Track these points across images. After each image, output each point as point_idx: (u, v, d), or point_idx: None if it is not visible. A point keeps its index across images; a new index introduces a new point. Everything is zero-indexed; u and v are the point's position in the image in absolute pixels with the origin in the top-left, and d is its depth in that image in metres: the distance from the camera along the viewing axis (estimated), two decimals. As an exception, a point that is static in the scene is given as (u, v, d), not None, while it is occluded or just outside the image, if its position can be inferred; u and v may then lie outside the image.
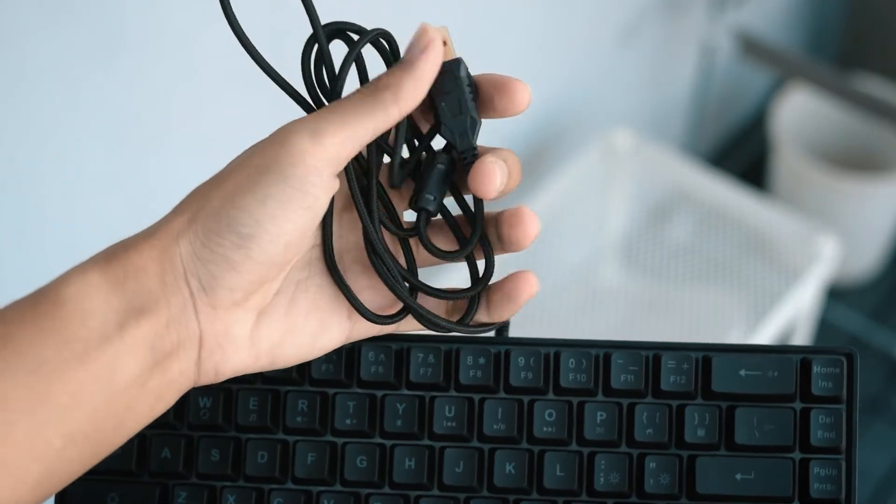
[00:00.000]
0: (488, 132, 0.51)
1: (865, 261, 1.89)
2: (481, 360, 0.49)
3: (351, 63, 0.46)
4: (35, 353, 0.40)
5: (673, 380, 0.49)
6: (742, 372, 0.49)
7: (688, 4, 1.70)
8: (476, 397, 0.49)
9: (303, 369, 0.49)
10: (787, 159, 1.80)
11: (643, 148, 1.50)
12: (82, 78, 0.91)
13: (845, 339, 1.84)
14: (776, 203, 1.66)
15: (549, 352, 0.49)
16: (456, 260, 0.47)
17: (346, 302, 0.46)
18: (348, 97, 0.44)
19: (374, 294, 0.47)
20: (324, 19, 0.49)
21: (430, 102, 0.46)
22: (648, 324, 1.45)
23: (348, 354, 0.49)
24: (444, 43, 0.45)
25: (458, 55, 0.46)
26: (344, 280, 0.45)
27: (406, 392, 0.49)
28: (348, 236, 0.47)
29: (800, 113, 1.84)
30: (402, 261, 0.47)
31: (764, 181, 1.98)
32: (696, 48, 1.79)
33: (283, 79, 0.49)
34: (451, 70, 0.45)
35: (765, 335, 1.36)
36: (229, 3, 0.48)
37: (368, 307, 0.46)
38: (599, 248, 1.55)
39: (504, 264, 0.47)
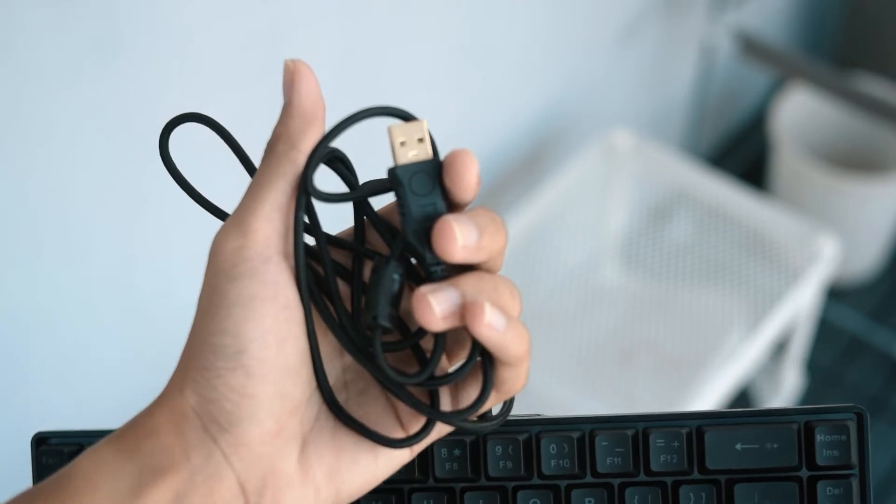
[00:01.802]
0: (487, 135, 0.50)
1: (865, 261, 1.89)
2: (456, 452, 0.46)
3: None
4: None
5: (664, 459, 0.45)
6: (738, 446, 0.45)
7: (688, 4, 1.70)
8: (457, 487, 0.46)
9: None
10: (787, 159, 1.80)
11: (643, 148, 1.50)
12: (81, 77, 0.91)
13: (845, 339, 1.84)
14: (776, 203, 1.66)
15: (530, 435, 0.46)
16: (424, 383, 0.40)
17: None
18: (254, 176, 0.40)
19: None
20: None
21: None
22: (648, 324, 1.45)
23: None
24: (421, 139, 0.40)
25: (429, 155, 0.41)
26: (351, 417, 0.41)
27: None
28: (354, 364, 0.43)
29: (800, 113, 1.84)
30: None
31: (764, 181, 1.98)
32: (696, 48, 1.79)
33: (205, 200, 0.45)
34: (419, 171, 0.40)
35: (765, 335, 1.36)
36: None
37: (405, 420, 0.41)
38: (599, 248, 1.55)
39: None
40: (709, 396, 1.29)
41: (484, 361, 0.41)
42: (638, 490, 0.46)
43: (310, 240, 0.41)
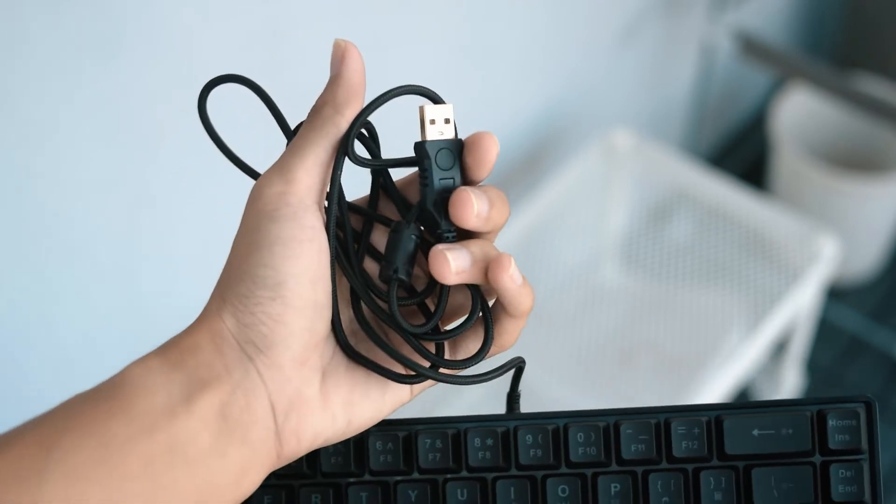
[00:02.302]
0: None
1: (865, 261, 1.89)
2: (489, 441, 0.49)
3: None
4: (102, 429, 0.40)
5: (685, 445, 0.48)
6: (755, 432, 0.48)
7: (688, 4, 1.70)
8: (489, 477, 0.49)
9: (313, 463, 0.49)
10: (787, 159, 1.80)
11: (643, 148, 1.50)
12: (81, 77, 0.91)
13: (845, 339, 1.84)
14: (776, 203, 1.67)
15: (558, 426, 0.49)
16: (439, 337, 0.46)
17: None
18: (298, 133, 0.46)
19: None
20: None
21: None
22: (648, 324, 1.45)
23: (356, 445, 0.49)
24: (447, 120, 0.46)
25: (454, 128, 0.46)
26: (364, 356, 0.46)
27: (417, 477, 0.49)
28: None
29: (800, 113, 1.84)
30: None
31: (764, 181, 1.98)
32: (696, 48, 1.79)
33: (239, 159, 0.50)
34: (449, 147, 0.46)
35: (765, 335, 1.36)
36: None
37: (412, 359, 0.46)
38: (599, 248, 1.55)
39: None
40: (709, 396, 1.29)
41: (485, 317, 0.46)
42: (661, 476, 0.48)
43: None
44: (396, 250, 0.45)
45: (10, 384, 1.01)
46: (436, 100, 0.47)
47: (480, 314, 0.47)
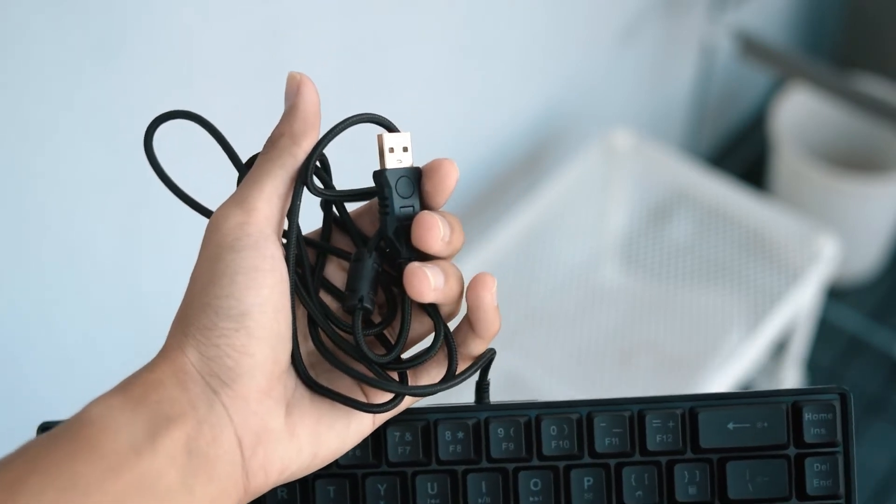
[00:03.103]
0: (487, 135, 0.51)
1: (865, 261, 1.89)
2: (460, 434, 0.48)
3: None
4: (67, 471, 0.39)
5: (659, 439, 0.48)
6: (730, 425, 0.48)
7: (688, 4, 1.70)
8: (459, 470, 0.48)
9: None
10: (787, 159, 1.80)
11: (643, 148, 1.50)
12: (81, 78, 0.91)
13: (845, 339, 1.84)
14: (776, 203, 1.66)
15: (529, 418, 0.48)
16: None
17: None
18: (255, 164, 0.46)
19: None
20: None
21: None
22: (648, 324, 1.45)
23: None
24: (405, 148, 0.46)
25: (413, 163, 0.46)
26: (327, 387, 0.45)
27: (386, 470, 0.48)
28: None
29: (800, 113, 1.84)
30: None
31: (764, 181, 1.98)
32: (696, 48, 1.79)
33: (186, 195, 0.49)
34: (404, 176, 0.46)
35: (765, 335, 1.36)
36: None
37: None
38: (599, 248, 1.55)
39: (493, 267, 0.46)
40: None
41: (448, 339, 0.46)
42: (634, 469, 0.48)
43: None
44: (360, 279, 0.45)
45: (10, 384, 1.01)
46: (391, 128, 0.46)
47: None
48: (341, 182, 0.47)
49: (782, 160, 1.82)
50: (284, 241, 0.45)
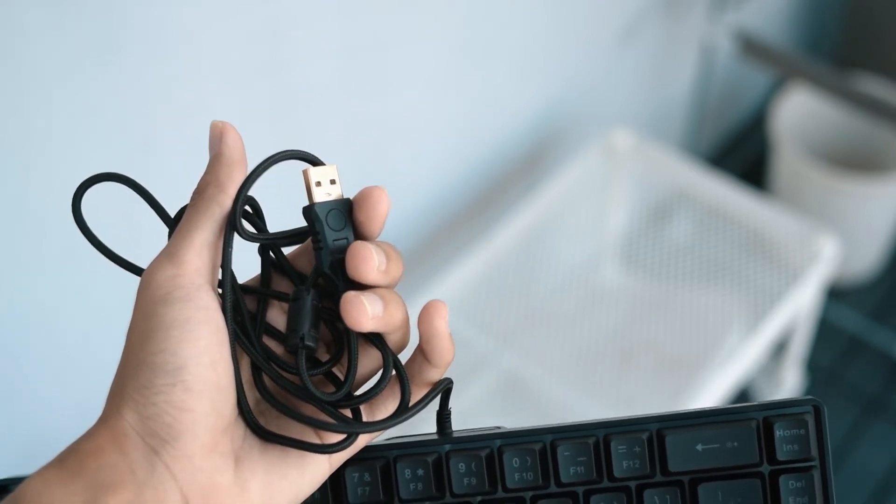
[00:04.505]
0: (487, 135, 0.51)
1: (865, 261, 1.89)
2: (420, 472, 0.46)
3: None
4: None
5: (626, 465, 0.46)
6: (699, 446, 0.46)
7: (688, 4, 1.70)
8: None
9: None
10: (787, 159, 1.80)
11: (643, 148, 1.50)
12: (82, 77, 0.91)
13: (845, 339, 1.84)
14: (776, 203, 1.66)
15: (492, 450, 0.46)
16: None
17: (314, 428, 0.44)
18: (183, 216, 0.45)
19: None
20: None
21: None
22: (648, 324, 1.45)
23: None
24: (333, 181, 0.45)
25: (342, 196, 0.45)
26: (275, 433, 0.44)
27: None
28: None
29: (800, 113, 1.84)
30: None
31: (764, 181, 1.98)
32: (696, 48, 1.79)
33: (119, 257, 0.50)
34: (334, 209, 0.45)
35: (765, 335, 1.36)
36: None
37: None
38: (599, 248, 1.55)
39: (491, 275, 0.45)
40: (709, 396, 1.29)
41: (399, 369, 0.45)
42: (603, 497, 0.46)
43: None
44: (299, 318, 0.43)
45: (10, 384, 1.01)
46: (315, 162, 0.45)
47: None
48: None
49: (782, 160, 1.82)
50: (220, 290, 0.44)
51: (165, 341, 0.41)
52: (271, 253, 0.46)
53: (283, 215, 0.52)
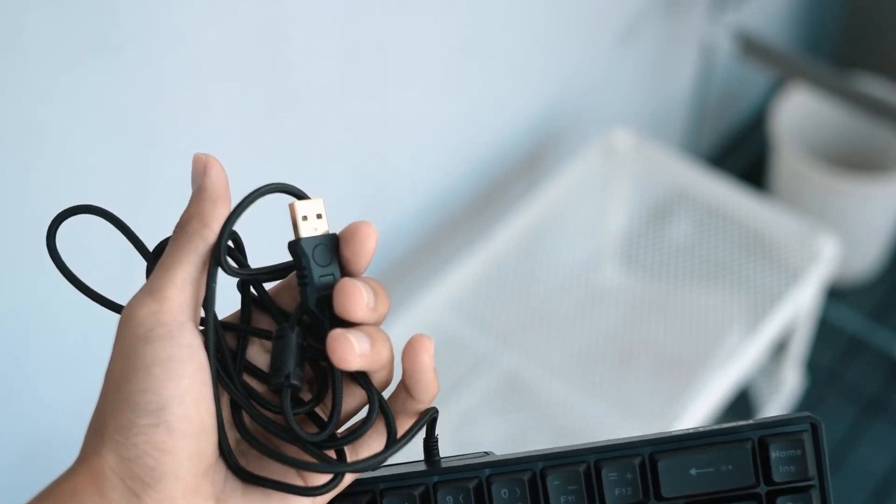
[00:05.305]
0: (487, 135, 0.51)
1: (865, 261, 1.89)
2: None
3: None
4: None
5: (618, 492, 0.45)
6: (693, 471, 0.45)
7: (688, 4, 1.70)
8: None
9: None
10: (787, 159, 1.80)
11: (643, 148, 1.50)
12: (82, 75, 0.91)
13: (845, 339, 1.84)
14: (776, 203, 1.67)
15: (480, 480, 0.45)
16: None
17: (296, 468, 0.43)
18: (165, 250, 0.44)
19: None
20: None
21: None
22: (648, 324, 1.45)
23: None
24: (319, 215, 0.44)
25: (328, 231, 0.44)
26: (258, 476, 0.42)
27: None
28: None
29: (800, 113, 1.84)
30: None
31: (764, 181, 1.98)
32: (696, 48, 1.79)
33: (94, 292, 0.49)
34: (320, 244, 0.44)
35: (765, 335, 1.36)
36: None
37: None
38: (599, 248, 1.55)
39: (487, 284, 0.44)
40: (709, 396, 1.29)
41: (383, 407, 0.43)
42: None
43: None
44: (284, 356, 0.42)
45: (10, 384, 1.01)
46: (301, 196, 0.44)
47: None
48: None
49: (782, 160, 1.82)
50: (202, 327, 0.43)
51: (147, 380, 0.40)
52: (252, 289, 0.45)
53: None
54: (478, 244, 1.41)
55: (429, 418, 0.45)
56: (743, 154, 2.09)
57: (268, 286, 0.45)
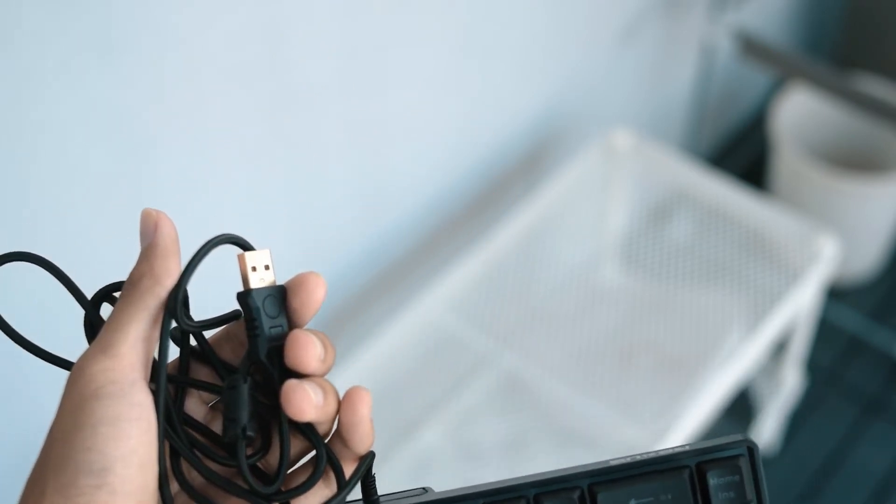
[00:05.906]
0: (487, 135, 0.51)
1: (865, 261, 1.89)
2: None
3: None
4: None
5: None
6: (632, 502, 0.45)
7: (688, 4, 1.70)
8: None
9: None
10: (787, 159, 1.80)
11: (643, 148, 1.50)
12: (80, 76, 0.91)
13: (845, 339, 1.84)
14: (776, 203, 1.67)
15: None
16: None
17: None
18: (115, 307, 0.44)
19: None
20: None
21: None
22: (648, 324, 1.45)
23: None
24: (267, 266, 0.44)
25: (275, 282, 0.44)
26: None
27: None
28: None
29: (800, 113, 1.84)
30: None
31: (764, 181, 1.98)
32: (696, 48, 1.79)
33: (39, 348, 0.49)
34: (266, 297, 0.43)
35: (765, 335, 1.36)
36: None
37: None
38: (599, 248, 1.55)
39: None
40: (709, 396, 1.29)
41: (332, 458, 0.43)
42: None
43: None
44: (238, 407, 0.42)
45: (10, 384, 1.01)
46: (246, 247, 0.43)
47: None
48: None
49: (782, 160, 1.82)
50: (153, 385, 0.42)
51: (93, 438, 0.39)
52: (193, 340, 0.44)
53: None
54: (478, 244, 1.41)
55: (368, 463, 0.45)
56: (743, 154, 2.09)
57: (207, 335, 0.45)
